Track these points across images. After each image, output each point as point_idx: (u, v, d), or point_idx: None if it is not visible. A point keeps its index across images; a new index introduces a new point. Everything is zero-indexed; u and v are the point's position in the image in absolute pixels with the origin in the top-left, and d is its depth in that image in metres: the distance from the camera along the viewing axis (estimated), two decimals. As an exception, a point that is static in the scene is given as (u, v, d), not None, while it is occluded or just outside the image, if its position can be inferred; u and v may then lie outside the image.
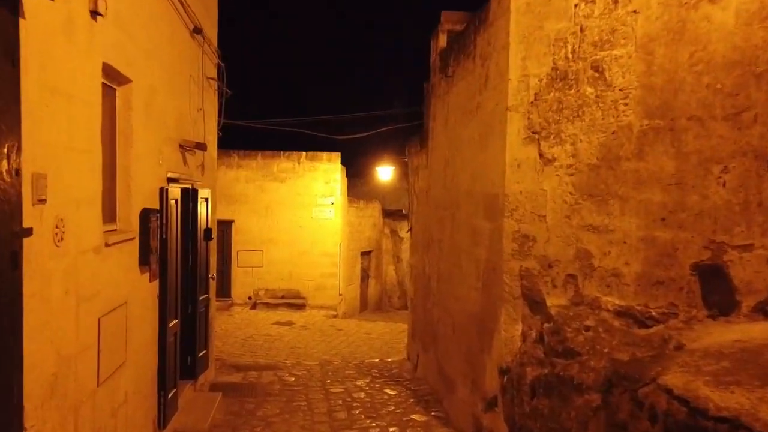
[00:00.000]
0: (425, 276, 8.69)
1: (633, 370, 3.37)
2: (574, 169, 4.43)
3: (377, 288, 20.69)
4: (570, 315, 4.36)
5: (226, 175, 15.90)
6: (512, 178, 4.83)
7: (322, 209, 16.30)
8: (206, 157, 7.53)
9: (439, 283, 7.57)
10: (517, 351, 4.80)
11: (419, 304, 9.29)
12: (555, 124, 4.55)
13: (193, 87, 6.76)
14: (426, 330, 8.48)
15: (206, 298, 7.19)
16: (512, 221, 4.83)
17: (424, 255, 8.87)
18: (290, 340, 12.59)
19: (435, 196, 8.00)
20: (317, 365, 9.70)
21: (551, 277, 4.58)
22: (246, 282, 16.20)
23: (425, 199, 8.82)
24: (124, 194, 4.53)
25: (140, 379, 4.85)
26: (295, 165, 16.27)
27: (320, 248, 16.38)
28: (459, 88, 6.65)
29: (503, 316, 4.91)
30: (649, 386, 3.17)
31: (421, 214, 9.21)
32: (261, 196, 16.19)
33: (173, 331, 5.74)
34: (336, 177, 16.43)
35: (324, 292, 16.41)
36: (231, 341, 12.06)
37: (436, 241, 7.88)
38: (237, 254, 16.15)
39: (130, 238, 4.50)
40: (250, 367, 9.20)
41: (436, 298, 7.81)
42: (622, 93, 4.13)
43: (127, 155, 4.52)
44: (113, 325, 4.09)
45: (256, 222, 16.17)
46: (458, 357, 6.34)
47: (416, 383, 7.99)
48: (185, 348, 6.66)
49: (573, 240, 4.44)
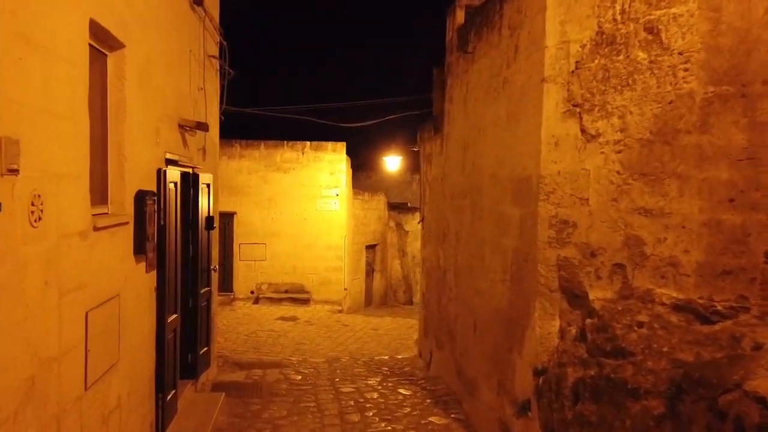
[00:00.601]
0: (440, 269, 8.20)
1: (709, 373, 2.88)
2: (622, 146, 3.93)
3: (382, 282, 20.23)
4: (618, 310, 3.87)
5: (228, 165, 15.41)
6: (549, 158, 4.33)
7: (327, 201, 15.81)
8: (208, 140, 7.04)
9: (457, 277, 7.09)
10: (554, 349, 4.31)
11: (432, 299, 8.81)
12: (600, 95, 4.05)
13: (194, 64, 6.26)
14: (441, 326, 8.00)
15: (208, 291, 6.71)
16: (549, 205, 4.34)
17: (438, 247, 8.38)
18: (295, 336, 12.12)
19: (451, 184, 7.51)
20: (324, 362, 9.23)
21: (594, 268, 4.09)
22: (248, 276, 15.73)
23: (439, 187, 8.33)
24: (117, 174, 4.04)
25: (135, 380, 4.37)
26: (298, 155, 15.77)
27: (325, 241, 15.90)
28: (481, 64, 6.15)
29: (537, 311, 4.42)
30: (733, 393, 2.68)
31: (435, 203, 8.71)
32: (264, 188, 15.70)
33: (172, 327, 5.26)
34: (341, 167, 15.93)
35: (329, 286, 15.94)
36: (233, 337, 11.59)
37: (453, 231, 7.39)
38: (239, 247, 15.67)
39: (124, 223, 4.01)
40: (254, 365, 8.73)
41: (453, 292, 7.32)
42: (682, 57, 3.63)
43: (119, 130, 4.03)
44: (103, 320, 3.61)
45: (258, 214, 15.69)
46: (481, 356, 5.86)
47: (432, 382, 7.51)
48: (186, 345, 6.18)
49: (621, 225, 3.95)
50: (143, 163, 4.50)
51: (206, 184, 6.56)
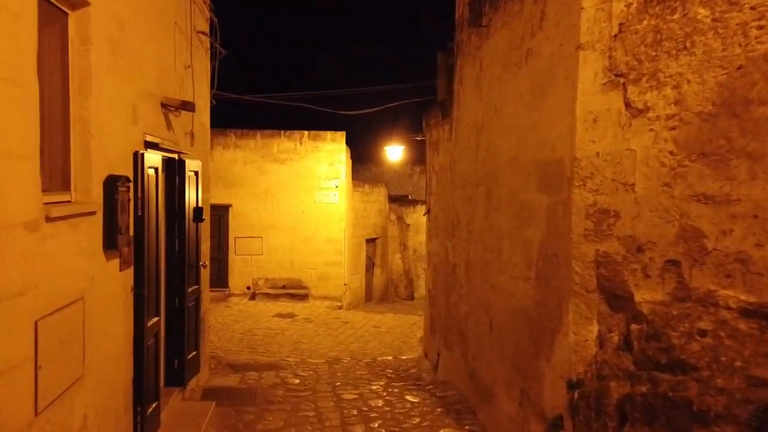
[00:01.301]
0: (448, 264, 7.62)
1: (811, 399, 2.30)
2: (677, 121, 3.34)
3: (383, 277, 19.65)
4: (673, 314, 3.28)
5: (223, 156, 14.79)
6: (585, 137, 3.74)
7: (326, 193, 15.20)
8: (197, 124, 6.43)
9: (469, 272, 6.50)
10: (591, 359, 3.73)
11: (440, 296, 8.23)
12: (649, 62, 3.44)
13: (180, 38, 5.64)
14: (449, 326, 7.42)
15: (196, 290, 6.11)
16: (585, 192, 3.75)
17: (446, 240, 7.80)
18: (293, 334, 11.54)
19: (462, 172, 6.91)
20: (324, 364, 8.66)
21: (642, 265, 3.50)
22: (244, 271, 15.14)
23: (448, 176, 7.73)
24: (82, 155, 3.43)
25: (108, 394, 3.78)
26: (296, 145, 15.14)
27: (324, 235, 15.30)
28: (498, 38, 5.54)
29: (571, 314, 3.83)
30: None
31: (443, 194, 8.12)
32: (260, 179, 15.08)
33: (153, 331, 4.66)
34: (341, 158, 15.32)
35: (328, 281, 15.35)
36: (228, 336, 11.01)
37: (464, 223, 6.80)
38: (234, 241, 15.06)
39: (89, 213, 3.41)
40: (249, 367, 8.16)
41: (464, 289, 6.74)
42: (755, 12, 3.03)
43: (84, 104, 3.42)
44: (61, 329, 3.01)
45: (255, 207, 15.08)
46: (498, 360, 5.28)
47: (441, 388, 6.93)
48: (172, 350, 5.59)
49: (675, 215, 3.35)
50: (116, 145, 3.90)
51: (194, 172, 5.96)
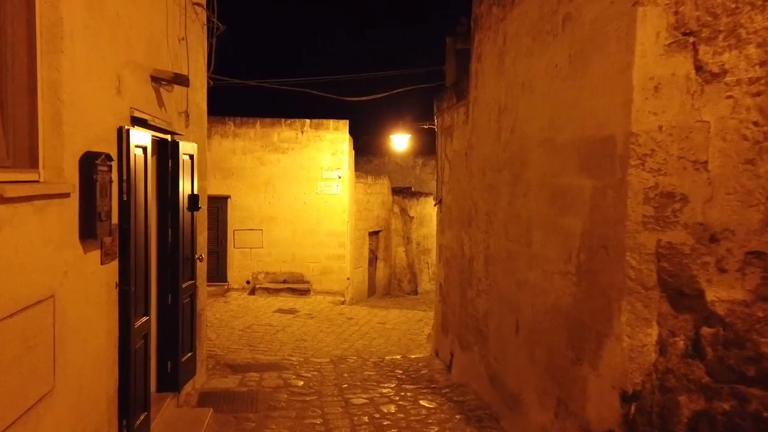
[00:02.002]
0: (464, 258, 7.09)
1: None
2: (763, 85, 2.80)
3: (386, 271, 19.13)
4: (759, 317, 2.75)
5: (221, 145, 14.24)
6: (645, 108, 3.19)
7: (329, 184, 14.65)
8: (192, 104, 5.88)
9: (489, 267, 5.97)
10: (649, 368, 3.20)
11: (453, 291, 7.70)
12: (728, 15, 2.90)
13: (173, 6, 5.09)
14: (466, 324, 6.90)
15: (192, 285, 5.57)
16: (643, 173, 3.21)
17: (461, 232, 7.26)
18: (295, 331, 11.01)
19: (481, 157, 6.37)
20: (329, 363, 8.13)
21: (716, 257, 2.97)
22: (244, 265, 14.60)
23: (463, 163, 7.19)
24: (52, 125, 2.88)
25: (86, 409, 3.24)
26: (297, 134, 14.58)
27: (326, 227, 14.76)
28: (526, 6, 4.98)
29: (624, 315, 3.30)
30: None
31: (457, 182, 7.58)
32: (260, 169, 14.52)
33: (142, 332, 4.13)
34: (344, 148, 14.75)
35: (330, 276, 14.83)
36: (227, 333, 10.48)
37: (483, 213, 6.26)
38: (233, 234, 14.52)
39: (60, 194, 2.86)
40: (250, 367, 7.63)
41: (482, 285, 6.21)
42: None
43: (54, 64, 2.87)
44: (23, 335, 2.47)
45: (254, 198, 14.52)
46: (528, 365, 4.75)
47: (457, 391, 6.41)
48: (164, 351, 5.06)
49: (760, 197, 2.82)
50: (96, 118, 3.35)
51: (189, 156, 5.41)
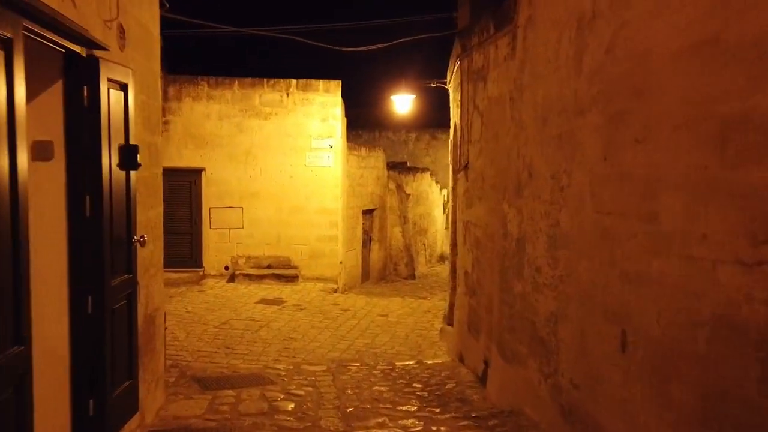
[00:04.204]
0: (507, 238, 5.35)
1: None
2: None
3: (381, 254, 17.40)
4: None
5: (193, 110, 12.33)
6: None
7: (319, 154, 12.82)
8: (132, 20, 4.03)
9: (559, 250, 4.22)
10: None
11: (487, 281, 5.98)
12: None
13: None
14: (511, 327, 5.18)
15: (128, 282, 3.75)
16: None
17: (502, 204, 5.52)
18: (282, 326, 9.26)
19: (540, 100, 4.60)
20: (326, 373, 6.42)
21: None
22: (222, 248, 12.78)
23: (505, 112, 5.42)
24: None
25: None
26: (282, 96, 12.68)
27: (316, 204, 12.96)
28: None
29: None
30: None
31: (495, 138, 5.82)
32: (239, 138, 12.64)
33: (14, 372, 2.34)
34: (336, 113, 12.90)
35: (321, 260, 13.06)
36: (199, 331, 8.70)
37: (544, 176, 4.51)
38: (209, 212, 12.67)
39: None
40: (224, 381, 5.89)
41: (546, 275, 4.47)
42: None
43: None
44: None
45: (233, 171, 12.66)
46: (652, 405, 3.03)
47: (505, 420, 4.69)
48: (83, 386, 3.29)
49: None
50: None
51: (120, 85, 3.57)
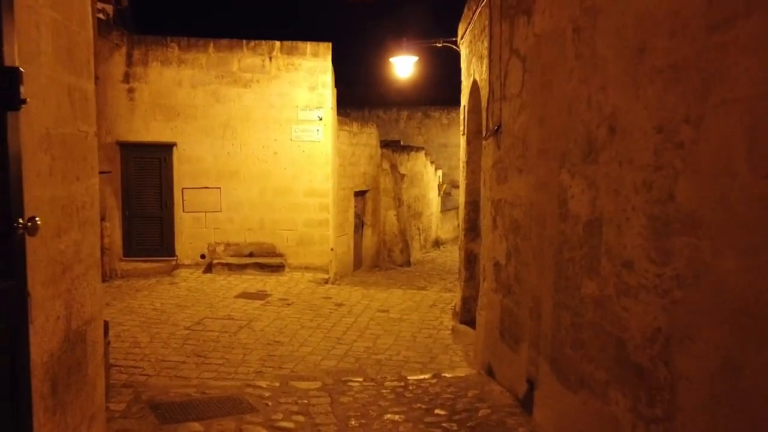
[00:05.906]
0: (567, 220, 3.97)
1: None
2: None
3: (374, 239, 16.03)
4: None
5: (162, 75, 10.78)
6: None
7: (306, 128, 11.35)
8: None
9: (672, 239, 2.84)
10: None
11: (530, 277, 4.60)
12: None
13: None
14: (578, 342, 3.81)
15: (7, 290, 2.32)
16: None
17: (559, 174, 4.13)
18: (265, 326, 7.86)
19: (638, 18, 3.19)
20: (321, 392, 5.05)
21: None
22: (197, 234, 11.31)
23: (566, 49, 4.02)
24: None
25: None
26: (264, 61, 11.18)
27: (304, 184, 11.52)
28: None
29: None
30: None
31: (549, 87, 4.41)
32: (216, 108, 11.13)
33: None
34: (325, 80, 11.42)
35: (310, 247, 11.66)
36: (166, 334, 7.27)
37: (643, 131, 3.12)
38: (182, 193, 11.18)
39: None
40: (189, 410, 4.50)
41: (646, 275, 3.08)
42: None
43: None
44: None
45: (209, 146, 11.17)
46: None
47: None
48: None
49: None
50: None
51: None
